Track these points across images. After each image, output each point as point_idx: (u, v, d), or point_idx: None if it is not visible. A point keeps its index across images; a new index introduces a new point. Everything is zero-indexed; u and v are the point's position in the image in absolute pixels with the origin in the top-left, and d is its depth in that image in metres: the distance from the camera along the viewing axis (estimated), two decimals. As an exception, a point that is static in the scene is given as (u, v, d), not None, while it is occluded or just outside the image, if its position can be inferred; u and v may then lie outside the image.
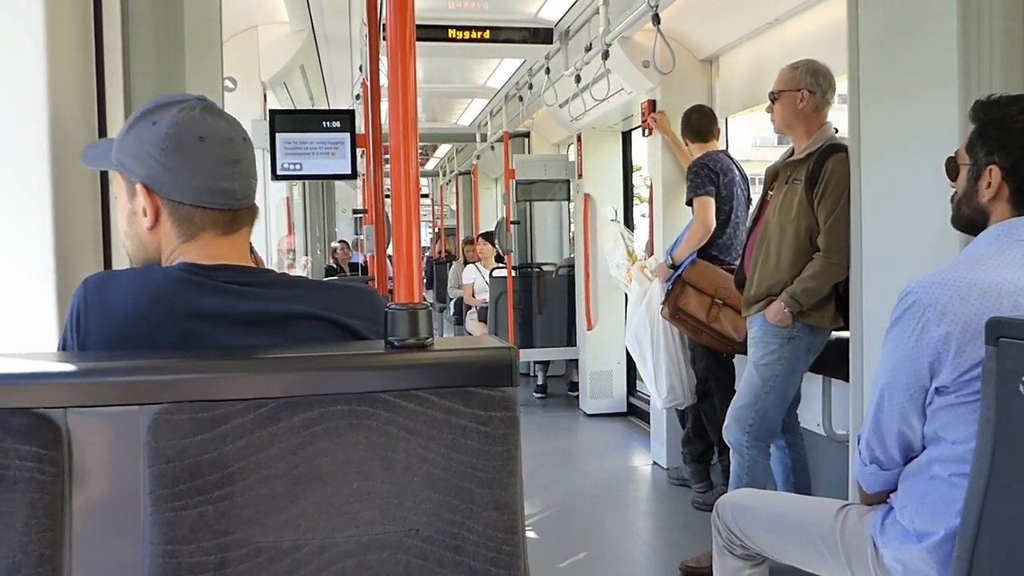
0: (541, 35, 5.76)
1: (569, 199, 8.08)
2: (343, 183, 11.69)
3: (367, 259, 5.96)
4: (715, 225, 4.58)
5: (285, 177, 4.60)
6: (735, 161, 4.82)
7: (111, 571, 1.19)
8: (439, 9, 5.48)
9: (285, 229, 8.99)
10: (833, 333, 3.51)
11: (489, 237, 9.40)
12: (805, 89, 3.48)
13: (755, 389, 3.55)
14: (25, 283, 1.70)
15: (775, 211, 3.54)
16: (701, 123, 4.87)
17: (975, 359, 1.81)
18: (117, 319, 1.40)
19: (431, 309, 1.33)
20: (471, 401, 1.25)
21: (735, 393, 3.82)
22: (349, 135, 4.53)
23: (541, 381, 8.51)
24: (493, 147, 9.32)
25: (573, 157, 7.66)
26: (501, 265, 8.46)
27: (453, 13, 5.48)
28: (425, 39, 5.37)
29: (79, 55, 1.88)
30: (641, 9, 4.46)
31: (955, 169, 2.10)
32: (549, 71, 6.37)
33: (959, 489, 1.82)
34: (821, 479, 3.92)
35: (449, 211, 16.61)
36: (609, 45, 5.00)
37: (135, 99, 2.01)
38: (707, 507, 4.48)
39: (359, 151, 4.60)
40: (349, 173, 4.62)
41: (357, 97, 6.77)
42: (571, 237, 9.24)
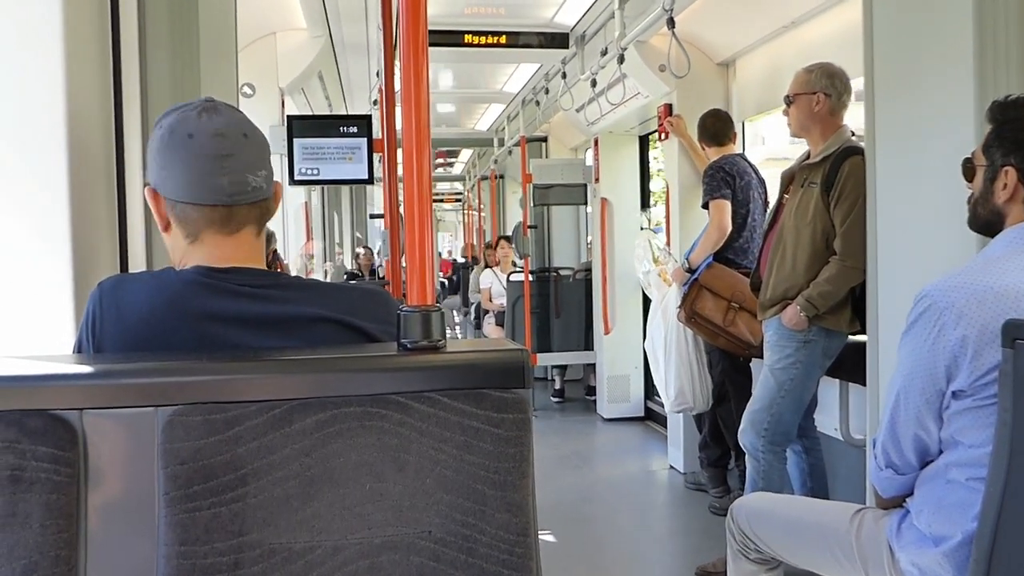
0: (557, 40, 5.77)
1: (586, 203, 8.06)
2: (378, 189, 11.69)
3: (384, 262, 5.97)
4: (731, 228, 4.57)
5: (303, 182, 4.63)
6: (752, 165, 4.81)
7: (126, 571, 1.20)
8: (455, 14, 5.50)
9: (304, 235, 9.03)
10: (851, 337, 3.48)
11: (508, 241, 9.40)
12: (821, 92, 3.45)
13: (770, 393, 3.53)
14: (43, 286, 1.73)
15: (791, 214, 3.52)
16: (717, 127, 4.86)
17: (992, 362, 1.79)
18: (132, 322, 1.41)
19: (444, 312, 1.34)
20: (483, 403, 1.26)
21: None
22: (366, 140, 4.55)
23: (559, 385, 8.49)
24: (511, 151, 9.32)
25: (591, 161, 7.66)
26: (518, 269, 8.45)
27: (469, 18, 5.50)
28: (441, 44, 5.39)
29: (96, 64, 1.90)
30: (656, 13, 4.46)
31: (971, 170, 2.08)
32: (565, 75, 6.36)
33: (976, 493, 1.81)
34: (839, 484, 3.90)
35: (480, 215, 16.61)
36: (624, 49, 5.00)
37: (151, 106, 2.02)
38: (724, 512, 4.44)
39: (376, 156, 4.62)
40: (366, 178, 4.64)
41: (375, 102, 6.79)
42: (588, 241, 9.22)
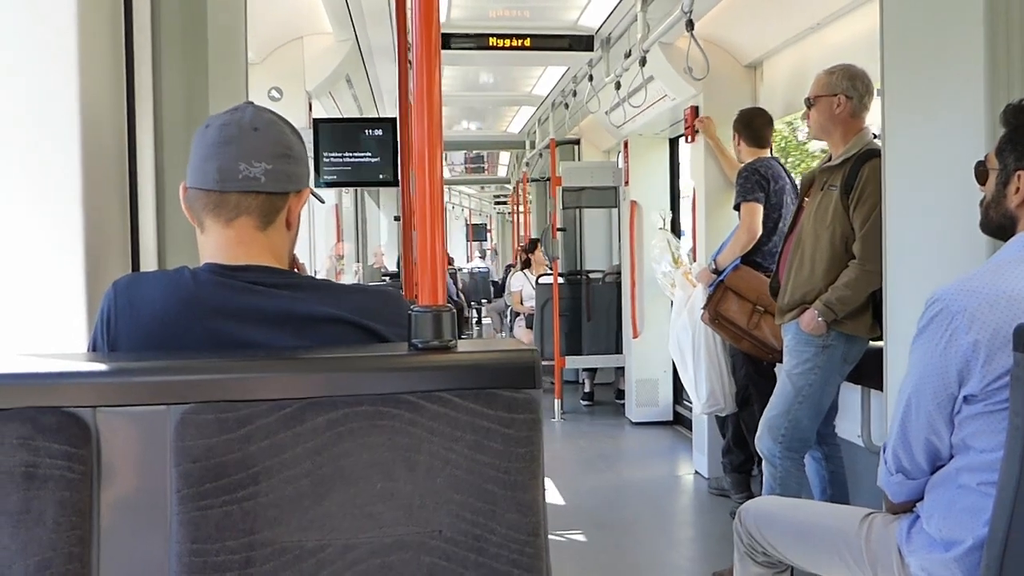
0: (582, 42, 5.76)
1: (616, 206, 8.03)
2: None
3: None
4: (761, 232, 4.54)
5: (329, 184, 4.66)
6: (786, 169, 4.78)
7: (138, 569, 1.21)
8: (480, 18, 5.52)
9: (334, 236, 9.09)
10: (872, 343, 3.43)
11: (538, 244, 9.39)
12: (842, 94, 3.40)
13: (788, 399, 3.48)
14: (56, 285, 1.76)
15: (810, 217, 3.48)
16: (760, 126, 4.79)
17: (1004, 367, 1.78)
18: (146, 319, 1.43)
19: (454, 312, 1.34)
20: (494, 403, 1.26)
21: None
22: (392, 143, 4.57)
23: (588, 388, 8.47)
24: (541, 154, 9.32)
25: (621, 164, 7.64)
26: (548, 272, 8.45)
27: (494, 21, 5.51)
28: (466, 47, 5.41)
29: (109, 67, 1.93)
30: (676, 15, 4.42)
31: (984, 174, 2.08)
32: (592, 78, 6.35)
33: (988, 498, 1.80)
34: (860, 491, 3.84)
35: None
36: (646, 51, 4.98)
37: (163, 108, 2.06)
38: (747, 518, 4.42)
39: (402, 158, 4.65)
40: (391, 180, 4.66)
41: None
42: (617, 244, 9.20)
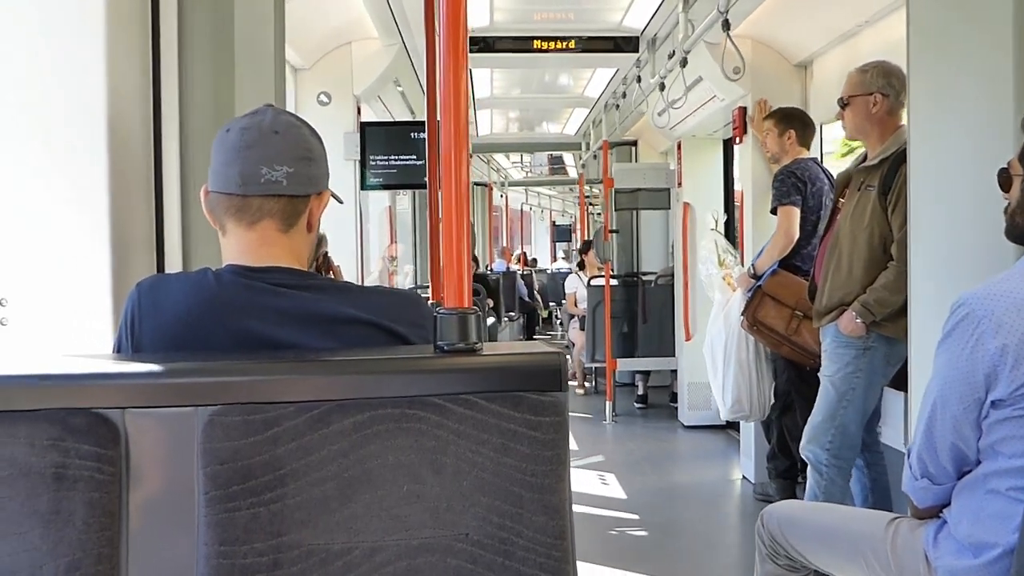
0: (627, 44, 5.73)
1: (669, 207, 7.97)
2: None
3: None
4: (799, 235, 4.46)
5: (375, 187, 4.70)
6: (826, 170, 4.69)
7: (166, 570, 1.22)
8: (525, 20, 5.53)
9: (387, 238, 9.15)
10: None
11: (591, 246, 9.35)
12: (878, 92, 3.31)
13: (832, 404, 3.39)
14: (83, 287, 1.79)
15: (847, 218, 3.40)
16: (812, 128, 4.73)
17: None
18: (169, 320, 1.45)
19: (480, 314, 1.34)
20: (520, 405, 1.26)
21: None
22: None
23: (642, 391, 8.40)
24: (595, 156, 9.29)
25: (674, 165, 7.58)
26: (600, 274, 8.40)
27: (539, 24, 5.52)
28: (511, 50, 5.42)
29: (136, 71, 1.97)
30: (712, 16, 4.33)
31: (1008, 180, 2.06)
32: (640, 80, 6.31)
33: (1018, 504, 1.79)
34: (903, 499, 3.77)
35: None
36: (688, 52, 4.93)
37: (188, 111, 2.10)
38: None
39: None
40: (434, 182, 4.69)
41: None
42: (671, 246, 9.13)
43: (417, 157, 4.64)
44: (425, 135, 4.59)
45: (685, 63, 4.99)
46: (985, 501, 1.90)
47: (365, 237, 6.27)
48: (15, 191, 1.82)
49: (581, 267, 9.96)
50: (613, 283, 7.91)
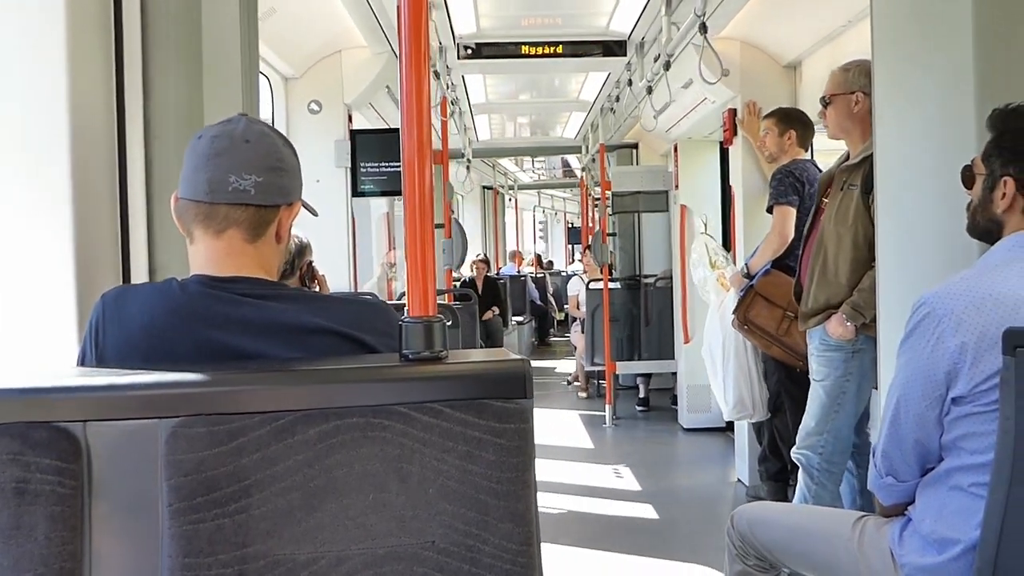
0: (615, 48, 5.74)
1: (667, 210, 7.97)
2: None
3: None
4: (794, 235, 4.46)
5: (365, 194, 4.71)
6: (821, 170, 4.70)
7: None
8: (513, 26, 5.53)
9: (385, 244, 9.15)
10: None
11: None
12: (860, 91, 3.30)
13: (824, 410, 3.37)
14: (47, 298, 1.79)
15: (831, 219, 3.38)
16: (812, 130, 4.73)
17: (992, 369, 1.81)
18: (134, 331, 1.46)
19: (445, 322, 1.34)
20: (485, 413, 1.26)
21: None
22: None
23: (643, 394, 8.38)
24: (594, 159, 9.30)
25: (671, 167, 7.58)
26: (599, 277, 8.40)
27: (526, 30, 5.52)
28: (499, 56, 5.42)
29: (99, 77, 1.96)
30: (690, 19, 4.31)
31: (971, 178, 2.11)
32: (631, 83, 6.31)
33: (979, 500, 1.81)
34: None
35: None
36: (672, 56, 4.92)
37: (153, 118, 2.08)
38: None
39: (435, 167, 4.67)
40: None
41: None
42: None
43: (406, 164, 4.65)
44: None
45: (668, 66, 4.98)
46: (948, 498, 1.93)
47: (359, 244, 6.26)
48: None
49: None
50: (615, 286, 7.90)
